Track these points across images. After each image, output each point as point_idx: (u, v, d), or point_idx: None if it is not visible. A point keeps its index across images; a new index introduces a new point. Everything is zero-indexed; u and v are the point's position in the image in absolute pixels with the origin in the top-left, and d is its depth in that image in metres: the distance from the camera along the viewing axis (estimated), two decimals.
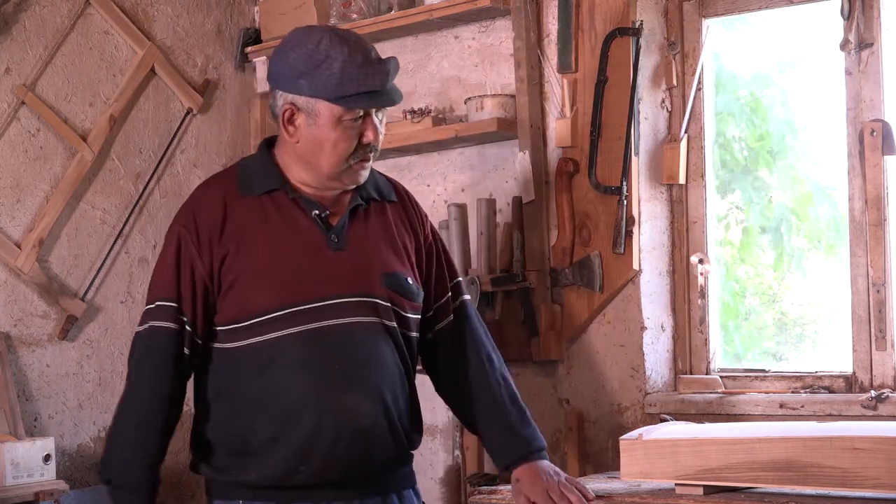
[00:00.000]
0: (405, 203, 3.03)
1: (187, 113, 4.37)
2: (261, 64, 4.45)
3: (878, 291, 3.35)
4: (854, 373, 3.42)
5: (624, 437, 2.94)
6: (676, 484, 2.82)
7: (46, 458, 3.67)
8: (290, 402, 2.80)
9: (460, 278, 3.10)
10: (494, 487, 3.19)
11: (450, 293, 3.05)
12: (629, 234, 3.65)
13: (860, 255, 3.39)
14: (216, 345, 2.88)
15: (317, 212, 2.87)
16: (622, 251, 3.65)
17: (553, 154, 3.84)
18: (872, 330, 3.36)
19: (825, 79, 3.57)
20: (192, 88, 4.37)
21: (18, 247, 3.96)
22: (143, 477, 2.85)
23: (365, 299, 2.85)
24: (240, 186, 2.91)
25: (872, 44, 3.35)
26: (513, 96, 3.88)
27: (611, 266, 3.70)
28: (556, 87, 3.83)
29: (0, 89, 3.96)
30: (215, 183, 2.99)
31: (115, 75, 4.20)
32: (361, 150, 2.85)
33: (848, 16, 3.34)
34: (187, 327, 2.84)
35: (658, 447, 2.85)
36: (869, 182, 3.35)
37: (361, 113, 2.81)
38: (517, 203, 3.87)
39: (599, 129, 3.71)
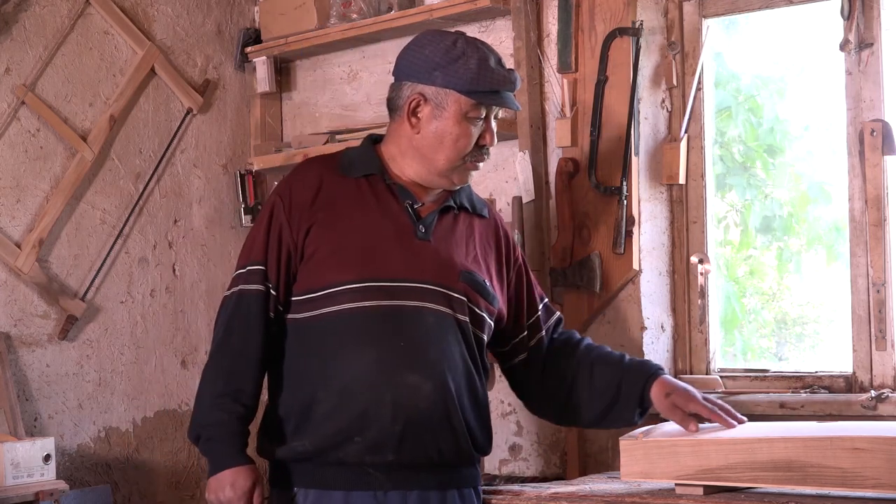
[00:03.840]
0: (495, 224, 3.13)
1: (187, 113, 4.37)
2: (261, 64, 4.45)
3: (878, 291, 3.35)
4: (854, 373, 3.42)
5: (624, 437, 2.94)
6: (676, 484, 2.81)
7: (46, 458, 3.67)
8: (352, 374, 2.86)
9: (547, 300, 3.22)
10: (495, 487, 3.19)
11: (541, 311, 3.15)
12: (629, 234, 3.65)
13: (860, 255, 3.39)
14: (290, 316, 2.95)
15: (409, 201, 2.97)
16: (622, 251, 3.65)
17: (553, 154, 3.84)
18: (872, 330, 3.36)
19: (825, 79, 3.57)
20: (192, 88, 4.37)
21: (18, 247, 3.96)
22: (234, 427, 2.90)
23: (441, 289, 2.93)
24: (340, 166, 3.01)
25: (872, 44, 3.35)
26: None
27: (611, 266, 3.70)
28: (556, 87, 3.83)
29: (0, 89, 3.96)
30: (316, 161, 3.14)
31: (115, 75, 4.21)
32: (477, 151, 2.96)
33: (848, 16, 3.34)
34: (272, 291, 2.93)
35: (658, 447, 2.85)
36: (869, 182, 3.35)
37: (484, 113, 2.94)
38: (517, 203, 3.87)
39: (599, 129, 3.71)
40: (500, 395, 3.84)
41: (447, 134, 2.93)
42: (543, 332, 3.15)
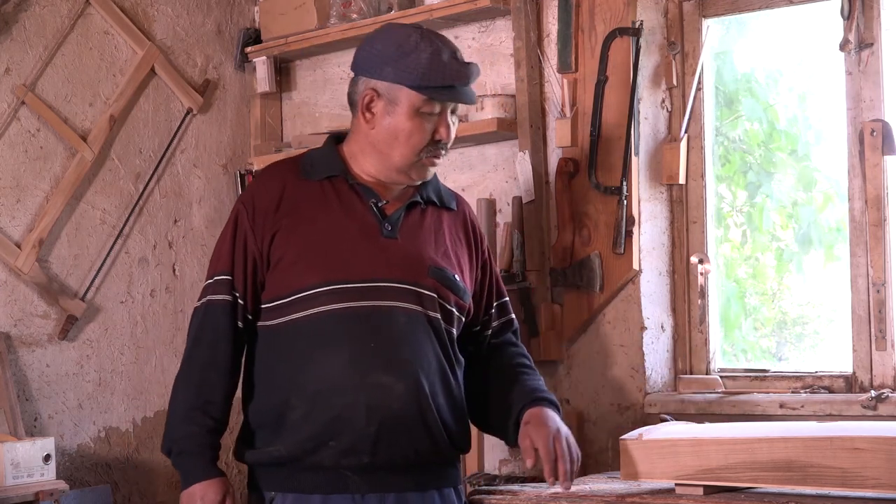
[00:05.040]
0: (465, 217, 3.11)
1: (187, 113, 4.37)
2: (260, 64, 4.45)
3: (878, 291, 3.35)
4: (854, 373, 3.42)
5: (624, 437, 2.94)
6: (676, 484, 2.82)
7: (46, 458, 3.67)
8: (325, 378, 2.86)
9: (507, 299, 3.17)
10: (494, 487, 3.19)
11: (494, 309, 3.12)
12: (629, 234, 3.65)
13: (860, 255, 3.39)
14: (261, 324, 2.95)
15: (373, 200, 2.95)
16: (622, 251, 3.65)
17: (553, 154, 3.84)
18: (872, 330, 3.36)
19: (825, 79, 3.57)
20: (192, 88, 4.37)
21: (18, 247, 3.96)
22: (204, 441, 2.91)
23: (410, 287, 2.91)
24: (302, 170, 2.99)
25: (872, 44, 3.35)
26: (513, 96, 3.88)
27: (611, 266, 3.70)
28: (556, 87, 3.83)
29: (0, 89, 3.96)
30: (278, 166, 3.10)
31: (115, 75, 4.20)
32: (433, 146, 2.93)
33: (848, 16, 3.34)
34: (240, 301, 2.94)
35: (658, 447, 2.85)
36: (869, 182, 3.35)
37: (438, 109, 2.90)
38: (517, 203, 3.87)
39: (599, 129, 3.71)
40: None
41: (400, 130, 2.90)
42: (490, 331, 3.12)
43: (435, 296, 2.93)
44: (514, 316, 3.18)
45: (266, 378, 2.94)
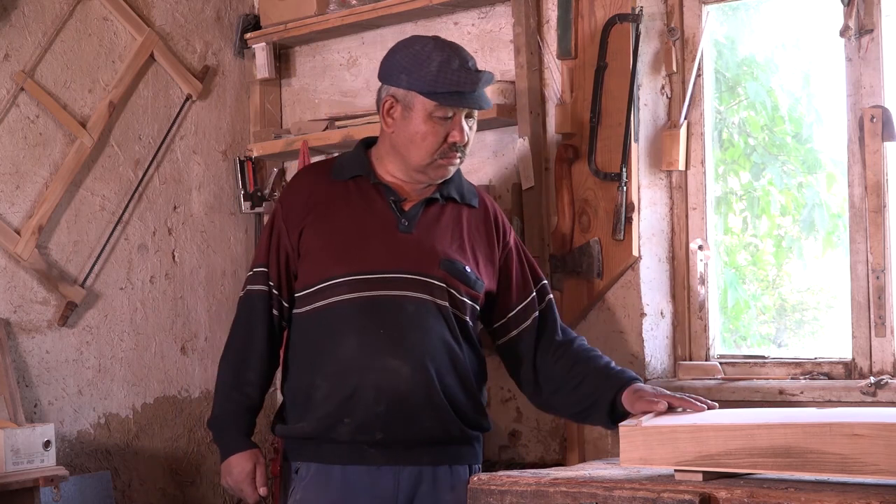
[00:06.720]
0: (487, 212, 3.31)
1: (186, 99, 4.36)
2: (260, 50, 4.44)
3: (877, 278, 3.35)
4: (853, 359, 3.42)
5: (623, 423, 2.94)
6: (676, 470, 2.82)
7: (46, 445, 3.67)
8: (340, 361, 3.13)
9: (545, 281, 3.36)
10: (493, 474, 3.19)
11: (535, 293, 3.31)
12: (629, 220, 3.65)
13: (860, 242, 3.39)
14: (294, 311, 3.24)
15: (393, 198, 3.20)
16: (622, 237, 3.66)
17: (553, 140, 3.84)
18: (872, 316, 3.37)
19: (825, 65, 3.56)
20: (192, 75, 4.36)
21: (18, 233, 3.96)
22: (239, 417, 3.24)
23: (420, 278, 3.15)
24: (332, 171, 3.28)
25: (872, 30, 3.35)
26: (512, 82, 3.87)
27: (610, 252, 3.70)
28: (555, 73, 3.83)
29: None
30: (312, 167, 3.48)
31: (115, 61, 4.20)
32: (448, 149, 3.16)
33: (848, 2, 3.34)
34: (274, 290, 3.24)
35: (657, 433, 2.85)
36: (869, 168, 3.35)
37: (451, 113, 3.13)
38: (516, 189, 3.87)
39: (599, 116, 3.71)
40: (500, 382, 3.85)
41: (416, 133, 3.14)
42: (538, 314, 3.29)
43: (444, 286, 3.16)
44: (552, 296, 3.35)
45: (298, 360, 3.23)
